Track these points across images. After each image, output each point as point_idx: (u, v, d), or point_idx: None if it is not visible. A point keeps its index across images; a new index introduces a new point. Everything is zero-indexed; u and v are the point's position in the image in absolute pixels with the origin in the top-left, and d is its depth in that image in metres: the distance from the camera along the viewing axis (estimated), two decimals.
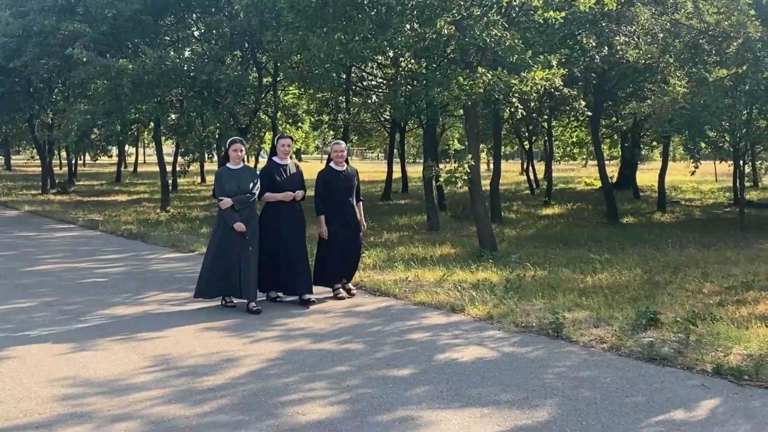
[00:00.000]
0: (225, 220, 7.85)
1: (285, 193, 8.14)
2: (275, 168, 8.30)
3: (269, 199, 8.17)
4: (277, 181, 8.17)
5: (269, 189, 8.16)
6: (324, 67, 15.02)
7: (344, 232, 8.53)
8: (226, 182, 7.90)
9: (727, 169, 27.78)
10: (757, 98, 14.96)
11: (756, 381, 5.39)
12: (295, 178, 8.34)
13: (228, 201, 7.80)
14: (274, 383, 5.46)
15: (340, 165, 8.60)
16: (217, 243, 7.98)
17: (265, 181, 8.19)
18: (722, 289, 8.93)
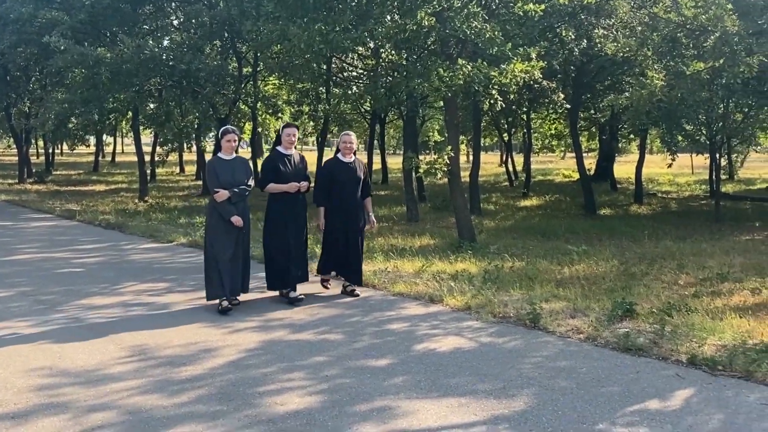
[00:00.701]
0: (220, 213, 7.44)
1: (290, 184, 7.76)
2: (280, 158, 7.88)
3: (273, 190, 7.81)
4: (282, 172, 7.78)
5: (273, 180, 7.79)
6: (304, 57, 14.91)
7: (345, 227, 8.15)
8: (220, 173, 7.48)
9: (704, 162, 28.03)
10: (733, 92, 15.13)
11: (729, 371, 5.47)
12: (299, 168, 7.97)
13: (225, 193, 7.39)
14: (252, 373, 5.47)
15: (347, 156, 8.23)
16: (219, 239, 7.47)
17: (269, 171, 7.83)
18: (697, 280, 9.04)
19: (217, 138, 7.78)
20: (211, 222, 7.58)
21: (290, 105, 26.64)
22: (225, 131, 7.66)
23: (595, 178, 26.67)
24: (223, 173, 7.49)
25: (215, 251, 7.47)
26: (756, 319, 6.91)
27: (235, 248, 7.51)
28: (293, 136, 7.98)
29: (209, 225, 7.61)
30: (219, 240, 7.46)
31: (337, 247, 8.22)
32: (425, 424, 4.50)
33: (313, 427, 4.46)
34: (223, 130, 7.70)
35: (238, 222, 7.41)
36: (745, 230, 14.42)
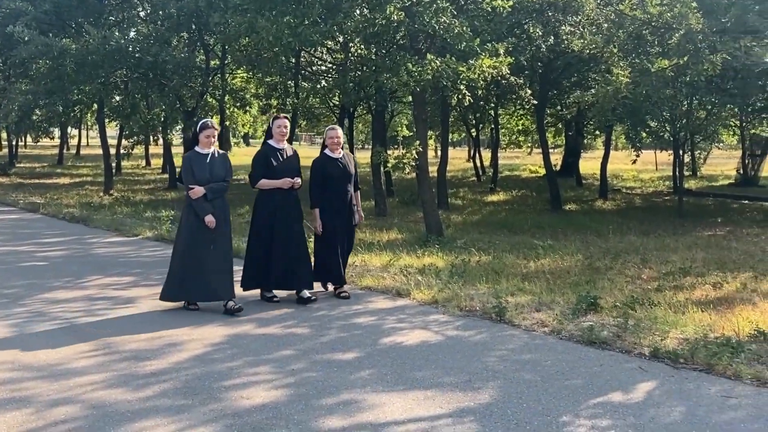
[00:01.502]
0: (195, 210, 7.04)
1: (283, 180, 7.39)
2: (271, 152, 7.50)
3: (265, 186, 7.44)
4: (274, 167, 7.40)
5: (264, 175, 7.43)
6: (272, 50, 14.85)
7: (340, 225, 7.84)
8: (197, 168, 7.06)
9: (667, 159, 28.43)
10: (697, 89, 15.34)
11: (691, 364, 5.56)
12: (292, 163, 7.59)
13: (200, 190, 6.99)
14: (217, 367, 5.44)
15: (335, 152, 7.87)
16: (189, 238, 7.11)
17: (260, 166, 7.46)
18: (660, 275, 9.17)
19: (195, 132, 7.31)
20: (186, 220, 7.19)
21: (258, 98, 26.49)
22: (204, 125, 7.22)
23: (561, 173, 26.89)
24: (200, 169, 7.08)
25: (185, 250, 7.11)
26: (717, 313, 7.04)
27: (210, 250, 7.06)
28: (285, 128, 7.59)
29: (183, 223, 7.23)
30: (193, 239, 7.07)
31: (337, 252, 7.80)
32: (391, 417, 4.52)
33: (278, 420, 4.46)
34: (202, 124, 7.25)
35: (211, 223, 7.00)
36: (708, 226, 14.65)
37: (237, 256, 8.00)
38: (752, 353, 5.67)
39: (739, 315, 6.88)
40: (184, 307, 7.25)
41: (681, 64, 12.48)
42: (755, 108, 20.29)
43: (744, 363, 5.44)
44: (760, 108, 20.06)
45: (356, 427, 4.36)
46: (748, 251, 11.09)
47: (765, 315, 6.91)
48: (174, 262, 7.26)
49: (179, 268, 7.16)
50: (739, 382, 5.19)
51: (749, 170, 26.92)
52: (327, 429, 4.34)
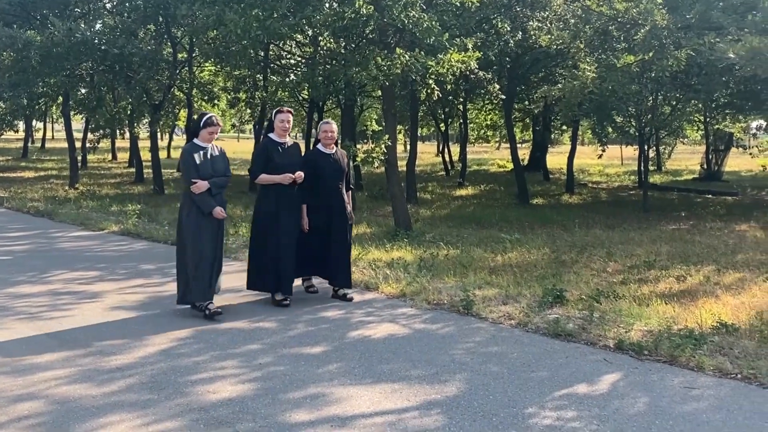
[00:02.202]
0: (199, 207, 6.67)
1: (284, 175, 7.02)
2: (273, 146, 7.14)
3: (266, 181, 7.09)
4: (275, 162, 7.05)
5: (265, 170, 7.07)
6: (241, 43, 14.75)
7: (331, 224, 7.43)
8: (199, 162, 6.69)
9: (633, 153, 28.73)
10: (662, 85, 15.53)
11: (655, 356, 5.65)
12: (294, 158, 7.23)
13: (204, 184, 6.63)
14: (183, 362, 5.41)
15: (329, 147, 7.51)
16: (198, 236, 6.71)
17: (261, 161, 7.12)
18: (625, 268, 9.28)
19: (196, 125, 6.88)
20: (188, 219, 6.76)
21: (227, 92, 26.31)
22: (209, 121, 6.79)
23: (528, 168, 27.09)
24: (202, 162, 6.72)
25: (196, 252, 6.69)
26: (681, 305, 7.15)
27: (215, 246, 6.82)
28: (288, 122, 7.22)
29: (185, 223, 6.78)
30: (201, 238, 6.70)
31: (312, 247, 7.43)
32: (358, 411, 4.53)
33: (245, 415, 4.44)
34: (207, 120, 6.81)
35: (221, 214, 6.73)
36: (672, 220, 14.84)
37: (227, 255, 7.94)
38: (714, 345, 5.77)
39: (702, 307, 6.99)
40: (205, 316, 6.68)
41: (646, 60, 12.61)
42: (719, 104, 20.61)
43: (706, 354, 5.53)
44: (724, 104, 20.39)
45: (323, 421, 4.36)
46: (711, 245, 11.26)
47: (727, 307, 7.03)
48: (189, 263, 6.75)
49: (194, 270, 6.69)
50: (702, 373, 5.28)
51: (713, 165, 27.33)
52: (293, 423, 4.33)
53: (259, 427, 4.26)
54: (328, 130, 7.53)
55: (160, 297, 7.51)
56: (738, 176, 28.34)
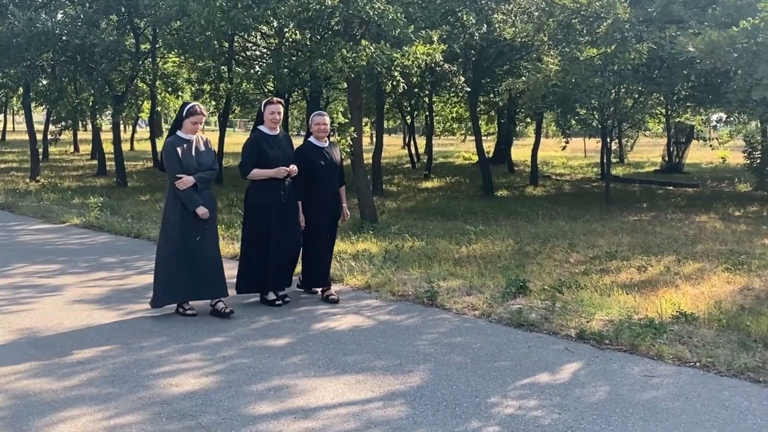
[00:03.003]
0: (184, 203, 6.33)
1: (277, 168, 6.68)
2: (264, 139, 6.78)
3: (258, 176, 6.73)
4: (267, 155, 6.69)
5: (256, 164, 6.72)
6: (205, 34, 14.62)
7: (325, 221, 7.14)
8: (183, 156, 6.34)
9: (596, 146, 29.00)
10: (624, 78, 15.70)
11: (616, 345, 5.73)
12: (287, 150, 6.89)
13: (189, 179, 6.30)
14: (146, 355, 5.37)
15: (321, 140, 7.16)
16: (180, 233, 6.34)
17: (251, 154, 6.74)
18: (587, 258, 9.39)
19: (179, 115, 6.55)
20: (171, 215, 6.40)
21: (191, 83, 26.05)
22: (192, 110, 6.42)
23: (493, 160, 27.20)
24: (186, 155, 6.37)
25: (173, 249, 6.37)
26: (641, 295, 7.25)
27: (200, 245, 6.39)
28: (278, 113, 6.85)
29: (168, 218, 6.43)
30: (182, 236, 6.34)
31: (322, 246, 7.15)
32: (322, 402, 4.53)
33: (208, 407, 4.42)
34: (190, 109, 6.44)
35: (204, 214, 6.35)
36: (633, 211, 15.04)
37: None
38: (674, 334, 5.88)
39: (662, 297, 7.10)
40: (179, 312, 6.49)
41: (609, 53, 12.74)
42: (680, 96, 20.88)
43: (666, 343, 5.63)
44: (685, 96, 20.66)
45: (286, 413, 4.36)
46: (671, 235, 11.44)
47: (687, 297, 7.14)
48: (161, 263, 6.47)
49: (168, 268, 6.38)
50: (661, 362, 5.37)
51: (674, 157, 27.71)
52: (257, 415, 4.33)
53: (222, 420, 4.25)
54: (320, 122, 7.15)
55: (122, 290, 7.44)
56: (698, 168, 28.78)
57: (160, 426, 4.16)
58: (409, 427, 4.18)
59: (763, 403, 4.56)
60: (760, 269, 8.63)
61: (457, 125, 36.50)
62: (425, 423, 4.24)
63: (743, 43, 7.51)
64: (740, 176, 22.14)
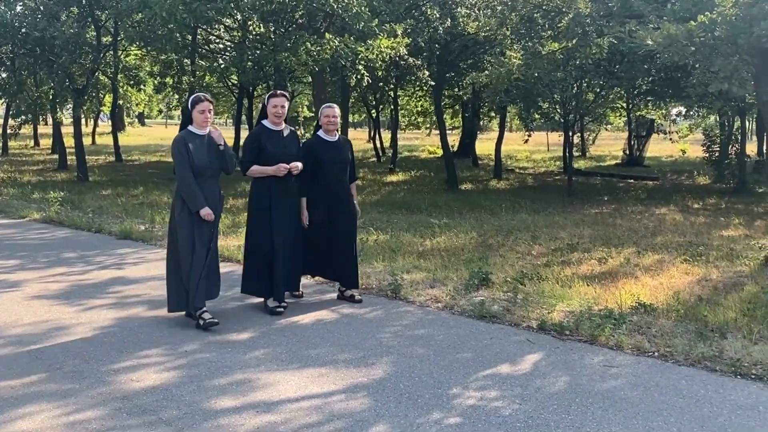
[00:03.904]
0: (186, 203, 5.86)
1: (277, 166, 6.25)
2: (266, 135, 6.37)
3: (257, 173, 6.34)
4: (268, 151, 6.28)
5: (257, 161, 6.31)
6: (167, 27, 14.49)
7: (331, 219, 6.73)
8: (195, 153, 5.84)
9: (558, 140, 29.30)
10: (586, 72, 15.85)
11: (576, 336, 5.81)
12: (290, 147, 6.46)
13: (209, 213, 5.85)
14: (106, 351, 5.32)
15: (331, 134, 6.79)
16: (191, 237, 5.92)
17: (252, 150, 6.32)
18: (549, 250, 9.49)
19: (186, 109, 6.12)
20: (180, 217, 5.95)
21: (153, 77, 25.79)
22: (197, 99, 5.99)
23: (457, 154, 27.36)
24: (198, 153, 5.87)
25: (189, 254, 5.90)
26: (602, 286, 7.35)
27: (209, 247, 6.03)
28: (282, 107, 6.40)
29: (178, 221, 5.97)
30: (195, 240, 5.91)
31: (319, 245, 6.76)
32: (285, 396, 4.53)
33: (169, 402, 4.40)
34: (194, 98, 6.02)
35: (208, 215, 5.87)
36: (595, 204, 15.21)
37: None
38: (633, 324, 5.97)
39: (622, 288, 7.20)
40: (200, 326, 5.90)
41: (570, 47, 12.86)
42: (641, 91, 21.20)
43: (625, 334, 5.71)
44: (646, 91, 20.97)
45: (248, 407, 4.35)
46: (631, 228, 11.60)
47: (646, 288, 7.26)
48: (174, 267, 6.02)
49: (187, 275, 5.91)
50: (620, 352, 5.45)
51: (635, 151, 28.09)
52: (218, 409, 4.31)
53: (183, 415, 4.23)
54: (330, 114, 6.78)
55: (82, 285, 7.35)
56: (659, 161, 29.20)
57: (120, 421, 4.13)
58: (371, 420, 4.20)
59: (719, 391, 4.65)
60: (718, 260, 8.80)
61: (422, 119, 36.64)
62: (387, 415, 4.26)
63: (701, 37, 7.63)
64: (699, 169, 22.51)
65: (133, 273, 7.94)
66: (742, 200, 15.82)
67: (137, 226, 10.92)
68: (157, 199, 14.36)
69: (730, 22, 7.44)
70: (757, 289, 7.07)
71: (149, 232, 10.41)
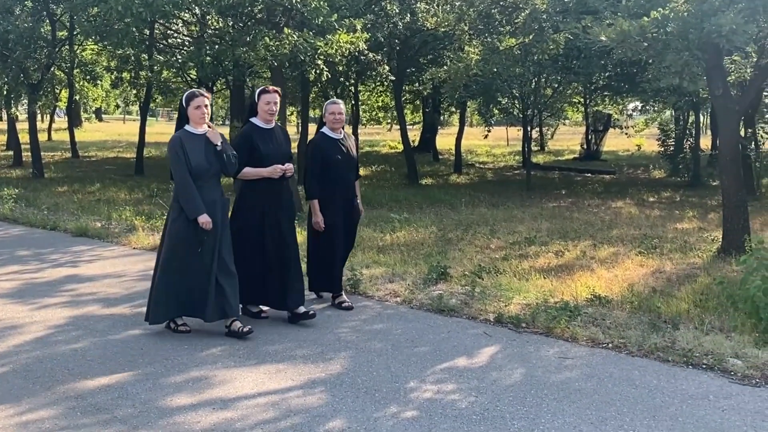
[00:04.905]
0: (183, 209, 5.45)
1: (272, 167, 5.87)
2: (258, 133, 5.94)
3: (250, 176, 5.90)
4: (261, 152, 5.86)
5: (248, 162, 5.85)
6: (123, 21, 14.28)
7: (342, 219, 6.46)
8: (192, 155, 5.43)
9: (518, 134, 29.51)
10: (543, 67, 16.02)
11: (532, 328, 5.89)
12: (282, 147, 6.05)
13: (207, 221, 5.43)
14: (61, 350, 5.25)
15: (336, 131, 6.46)
16: (178, 244, 5.51)
17: (243, 150, 5.81)
18: (507, 244, 9.58)
19: (180, 107, 5.68)
20: (173, 224, 5.54)
21: (110, 72, 25.40)
22: (191, 95, 5.59)
23: (418, 149, 27.43)
24: (196, 155, 5.46)
25: (172, 261, 5.52)
26: (558, 279, 7.46)
27: (207, 258, 5.52)
28: (275, 104, 5.96)
29: (169, 228, 5.58)
30: (181, 248, 5.50)
31: (339, 248, 6.46)
32: (241, 392, 4.52)
33: (124, 400, 4.36)
34: (189, 94, 5.61)
35: (206, 224, 5.42)
36: (553, 198, 15.38)
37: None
38: (588, 316, 6.07)
39: (578, 281, 7.32)
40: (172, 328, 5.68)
41: (527, 43, 12.97)
42: (598, 86, 21.46)
43: (580, 325, 5.80)
44: (602, 86, 21.24)
45: (205, 404, 4.33)
46: (588, 221, 11.76)
47: (601, 280, 7.37)
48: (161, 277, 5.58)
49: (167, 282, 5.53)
50: (575, 343, 5.53)
51: (592, 145, 28.44)
52: (174, 407, 4.29)
53: (139, 413, 4.19)
54: (335, 111, 6.45)
55: (36, 284, 7.24)
56: (616, 156, 29.59)
57: (75, 420, 4.09)
58: (329, 415, 4.21)
59: (671, 381, 4.75)
60: (672, 253, 8.97)
61: (382, 114, 36.61)
62: (344, 410, 4.28)
63: (653, 33, 7.74)
64: (655, 163, 22.87)
65: (89, 271, 7.84)
66: (696, 193, 16.13)
67: (93, 223, 10.77)
68: (114, 196, 14.17)
69: (681, 18, 7.56)
70: (709, 280, 7.21)
71: (105, 229, 10.28)
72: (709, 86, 8.87)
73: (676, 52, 7.84)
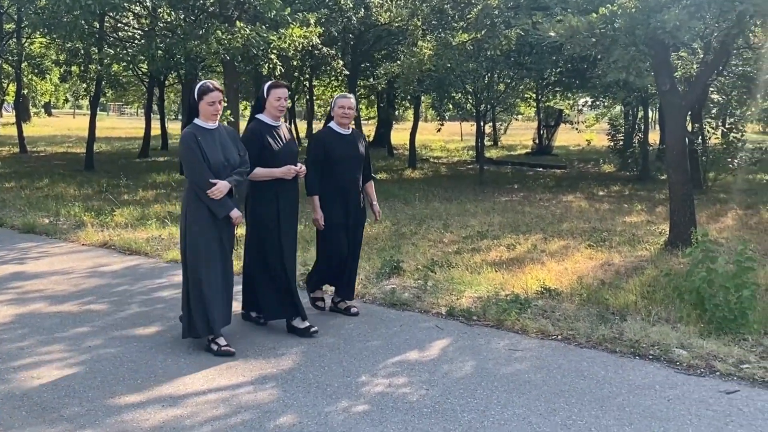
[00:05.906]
0: (212, 211, 5.08)
1: (286, 167, 5.56)
2: (267, 131, 5.58)
3: (261, 176, 5.51)
4: (272, 150, 5.53)
5: (258, 161, 5.49)
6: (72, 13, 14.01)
7: (346, 221, 6.13)
8: (208, 150, 5.08)
9: (471, 129, 29.74)
10: (496, 63, 16.13)
11: (483, 321, 5.95)
12: (291, 145, 5.75)
13: (224, 185, 5.05)
14: (5, 348, 5.14)
15: (345, 127, 6.11)
16: (208, 249, 5.13)
17: (254, 150, 5.45)
18: (460, 238, 9.65)
19: (190, 101, 5.25)
20: (195, 226, 5.12)
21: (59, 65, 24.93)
22: (205, 88, 5.14)
23: (373, 144, 27.45)
24: (212, 149, 5.11)
25: (209, 270, 5.14)
26: (509, 272, 7.53)
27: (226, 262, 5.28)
28: (285, 99, 5.64)
29: (193, 232, 5.12)
30: (211, 252, 5.15)
31: (338, 248, 6.13)
32: (192, 389, 4.48)
33: (71, 399, 4.29)
34: (202, 87, 5.16)
35: (238, 218, 5.21)
36: (505, 192, 15.51)
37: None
38: (538, 308, 6.16)
39: (529, 273, 7.40)
40: (215, 353, 5.11)
41: (479, 39, 13.05)
42: (549, 81, 21.69)
43: (530, 318, 5.88)
44: (554, 82, 21.48)
45: (153, 401, 4.29)
46: (539, 215, 11.89)
47: (551, 273, 7.47)
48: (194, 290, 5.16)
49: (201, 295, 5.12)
50: (525, 335, 5.61)
51: (544, 140, 28.77)
52: (122, 405, 4.23)
53: (86, 411, 4.13)
54: (345, 105, 6.06)
55: None
56: (567, 150, 29.97)
57: (20, 420, 4.01)
58: (279, 410, 4.20)
59: (619, 372, 4.84)
60: (620, 245, 9.13)
61: None
62: (295, 405, 4.27)
63: (601, 28, 7.86)
64: (605, 158, 23.21)
65: (36, 268, 7.68)
66: (644, 187, 16.41)
67: (41, 219, 10.56)
68: (63, 192, 13.90)
69: (629, 14, 7.68)
70: (657, 272, 7.36)
71: (53, 226, 10.09)
72: (657, 82, 9.03)
73: (623, 47, 7.97)
